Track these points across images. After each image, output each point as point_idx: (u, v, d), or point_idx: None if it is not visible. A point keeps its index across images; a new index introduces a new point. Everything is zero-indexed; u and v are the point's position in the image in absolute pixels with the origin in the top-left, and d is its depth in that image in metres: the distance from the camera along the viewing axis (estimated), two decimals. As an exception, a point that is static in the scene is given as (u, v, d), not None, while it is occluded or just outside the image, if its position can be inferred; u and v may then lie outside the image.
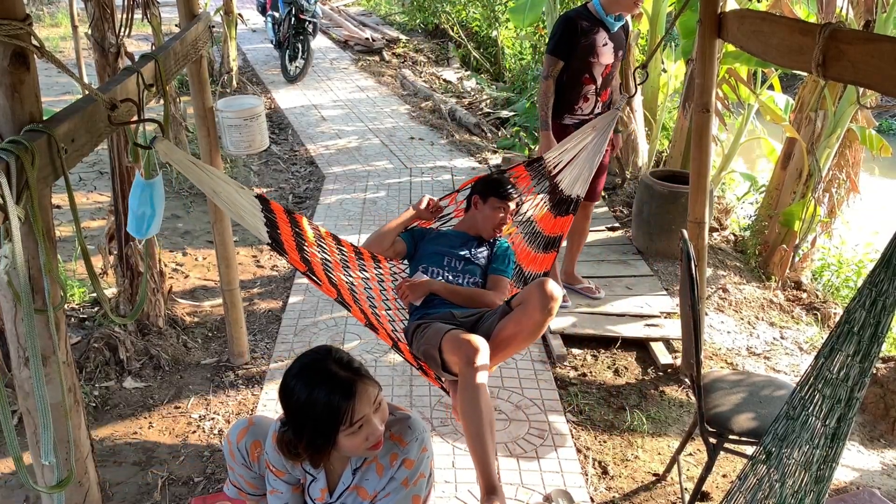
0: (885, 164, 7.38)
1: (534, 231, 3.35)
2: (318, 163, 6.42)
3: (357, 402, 1.66)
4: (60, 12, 12.50)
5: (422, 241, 3.13)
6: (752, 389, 2.56)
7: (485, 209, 3.09)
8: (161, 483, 2.79)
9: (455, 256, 3.05)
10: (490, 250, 3.13)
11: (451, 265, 3.03)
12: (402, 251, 3.10)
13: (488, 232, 3.11)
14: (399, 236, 3.10)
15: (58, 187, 1.69)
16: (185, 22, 2.92)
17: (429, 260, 3.04)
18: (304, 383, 1.69)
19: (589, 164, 3.19)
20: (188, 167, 2.01)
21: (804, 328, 4.25)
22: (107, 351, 3.41)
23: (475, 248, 3.10)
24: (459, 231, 3.17)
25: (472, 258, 3.07)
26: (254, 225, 2.11)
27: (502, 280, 3.05)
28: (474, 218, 3.14)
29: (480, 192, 3.13)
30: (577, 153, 3.24)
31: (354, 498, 1.85)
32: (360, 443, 1.71)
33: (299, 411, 1.70)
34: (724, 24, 2.90)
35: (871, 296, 1.48)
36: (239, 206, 2.11)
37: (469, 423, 2.42)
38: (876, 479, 3.02)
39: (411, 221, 3.19)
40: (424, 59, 10.36)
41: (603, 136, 3.19)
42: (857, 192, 5.20)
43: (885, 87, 1.96)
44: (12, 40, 1.39)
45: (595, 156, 3.19)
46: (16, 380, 1.56)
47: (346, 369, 1.71)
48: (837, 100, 4.80)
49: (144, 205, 2.09)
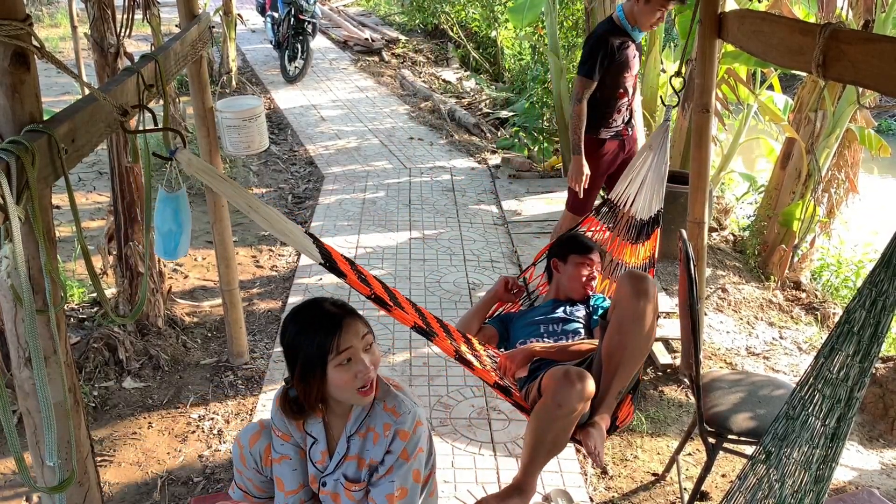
0: (885, 164, 7.38)
1: (622, 270, 3.17)
2: (317, 163, 6.42)
3: (344, 331, 1.73)
4: (60, 12, 12.49)
5: (511, 323, 2.90)
6: (751, 389, 2.56)
7: (568, 269, 2.89)
8: (161, 483, 2.79)
9: (551, 321, 2.80)
10: (587, 309, 2.88)
11: (549, 329, 2.77)
12: (493, 337, 2.85)
13: (579, 291, 2.87)
14: (486, 323, 2.91)
15: (58, 187, 1.69)
16: (185, 22, 2.92)
17: (524, 333, 2.78)
18: (298, 321, 1.79)
19: (658, 180, 3.04)
20: (216, 181, 1.88)
21: (803, 328, 4.26)
22: (106, 351, 3.41)
23: (570, 308, 2.86)
24: (549, 300, 2.95)
25: (569, 317, 2.81)
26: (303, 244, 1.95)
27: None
28: (560, 282, 2.92)
29: (558, 255, 2.94)
30: (643, 179, 3.11)
31: (355, 469, 1.87)
32: (350, 380, 1.75)
33: (293, 345, 1.78)
34: (724, 24, 2.90)
35: (870, 296, 1.48)
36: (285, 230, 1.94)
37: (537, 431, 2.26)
38: (875, 478, 3.02)
39: (493, 303, 2.99)
40: (424, 60, 10.36)
41: (661, 150, 3.05)
42: (856, 192, 5.20)
43: (885, 88, 1.96)
44: (12, 40, 1.39)
45: (659, 170, 3.05)
46: (16, 380, 1.56)
47: (336, 307, 1.80)
48: (837, 100, 4.80)
49: (168, 221, 1.98)
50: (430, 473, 1.99)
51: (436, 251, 4.74)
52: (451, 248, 4.79)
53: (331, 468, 1.90)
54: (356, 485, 1.88)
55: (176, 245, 1.99)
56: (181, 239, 1.99)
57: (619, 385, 2.37)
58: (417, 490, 1.88)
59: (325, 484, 1.91)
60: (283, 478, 1.93)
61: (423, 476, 1.92)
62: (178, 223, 1.97)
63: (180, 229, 1.98)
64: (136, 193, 3.43)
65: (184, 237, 2.00)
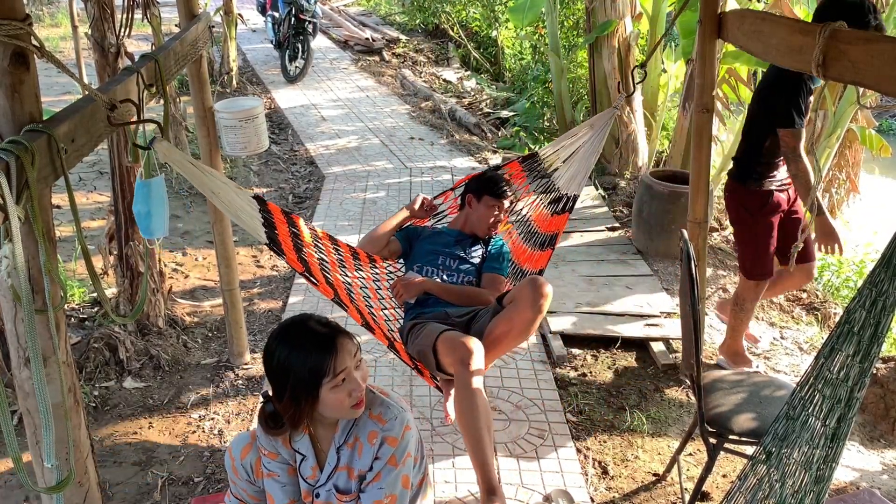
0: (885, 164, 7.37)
1: (530, 229, 3.33)
2: (317, 163, 6.43)
3: (339, 354, 1.72)
4: (60, 12, 12.49)
5: (416, 240, 3.11)
6: (752, 390, 2.56)
7: (479, 207, 3.07)
8: (161, 483, 2.79)
9: (450, 255, 3.03)
10: (485, 248, 3.11)
11: (446, 264, 3.02)
12: (396, 251, 3.09)
13: (483, 230, 3.09)
14: (394, 236, 3.08)
15: (58, 187, 1.69)
16: (185, 22, 2.92)
17: (423, 259, 3.03)
18: (286, 344, 1.74)
19: (586, 163, 3.15)
20: (187, 168, 2.01)
21: (804, 328, 4.25)
22: (107, 351, 3.41)
23: (470, 247, 3.09)
24: (454, 229, 3.16)
25: (466, 257, 3.06)
26: (252, 225, 2.12)
27: (498, 278, 3.04)
28: (468, 216, 3.13)
29: (474, 191, 3.11)
30: (574, 151, 3.20)
31: (346, 479, 1.87)
32: (344, 398, 1.74)
33: (282, 370, 1.73)
34: (724, 24, 2.90)
35: (871, 296, 1.48)
36: (237, 207, 2.11)
37: (467, 425, 2.42)
38: (876, 479, 3.02)
39: (406, 221, 3.17)
40: (424, 59, 10.36)
41: (600, 134, 3.13)
42: (857, 192, 5.20)
43: (886, 88, 1.96)
44: (12, 40, 1.39)
45: (592, 154, 3.15)
46: (16, 380, 1.56)
47: (324, 326, 1.77)
48: (837, 100, 4.80)
49: (139, 203, 2.12)
50: (422, 477, 1.99)
51: (436, 251, 4.74)
52: (451, 247, 4.79)
53: (322, 480, 1.89)
54: (347, 496, 1.87)
55: (147, 226, 2.17)
56: (151, 221, 2.15)
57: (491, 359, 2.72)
58: (406, 496, 1.87)
59: (318, 495, 1.90)
60: (273, 494, 1.93)
61: (414, 481, 1.92)
62: (147, 206, 2.13)
63: (149, 212, 2.14)
64: (137, 193, 3.43)
65: (155, 218, 2.16)
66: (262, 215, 2.24)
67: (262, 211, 2.25)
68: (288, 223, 2.40)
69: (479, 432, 2.38)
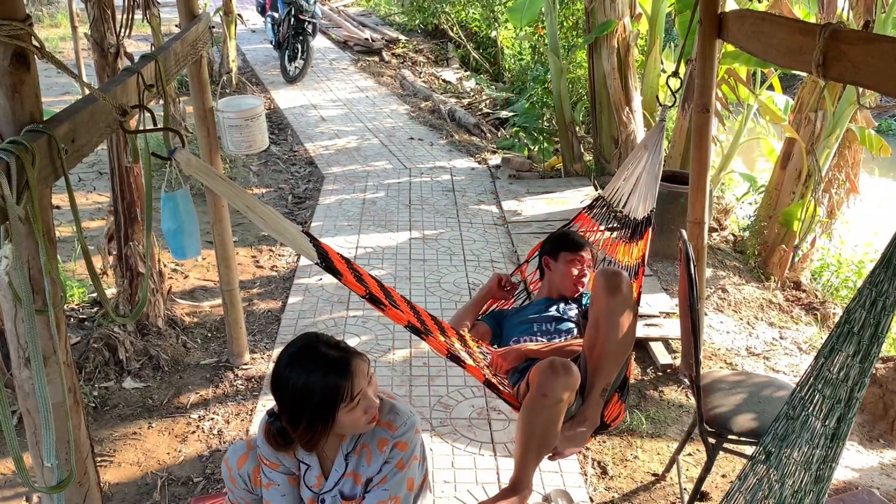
0: (885, 164, 7.38)
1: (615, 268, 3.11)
2: (317, 163, 6.42)
3: (354, 378, 1.71)
4: (60, 13, 12.49)
5: (505, 319, 2.91)
6: (752, 390, 2.56)
7: (559, 266, 2.89)
8: (161, 483, 2.79)
9: (545, 321, 2.80)
10: (580, 306, 2.90)
11: (543, 329, 2.78)
12: (486, 334, 2.85)
13: (570, 289, 2.88)
14: (479, 320, 2.90)
15: (58, 187, 1.69)
16: (185, 22, 2.92)
17: (517, 331, 2.79)
18: (298, 370, 1.72)
19: (652, 180, 3.00)
20: (213, 180, 1.89)
21: (803, 328, 4.26)
22: (106, 351, 3.41)
23: (563, 306, 2.87)
24: (541, 298, 2.95)
25: (562, 316, 2.83)
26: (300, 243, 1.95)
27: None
28: (552, 280, 2.92)
29: (549, 252, 2.95)
30: (637, 179, 3.08)
31: (352, 485, 1.87)
32: (360, 417, 1.75)
33: (297, 398, 1.72)
34: (724, 24, 2.90)
35: (870, 296, 1.48)
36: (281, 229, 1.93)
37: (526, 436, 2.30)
38: (875, 478, 3.02)
39: (486, 300, 2.98)
40: (424, 60, 10.36)
41: (656, 150, 3.01)
42: (856, 192, 5.20)
43: (886, 88, 1.97)
44: (13, 41, 1.39)
45: (656, 169, 3.00)
46: (16, 380, 1.56)
47: (335, 349, 1.75)
48: (837, 100, 4.80)
49: (168, 220, 2.00)
50: (423, 478, 1.99)
51: (436, 251, 4.74)
52: (451, 248, 4.79)
53: (329, 486, 1.89)
54: (352, 501, 1.88)
55: (180, 243, 2.00)
56: (182, 238, 2.00)
57: (603, 381, 2.40)
58: (410, 498, 1.88)
59: (323, 501, 1.90)
60: (272, 502, 1.92)
61: (417, 484, 1.92)
62: (177, 222, 1.97)
63: (180, 228, 1.99)
64: (137, 193, 3.44)
65: (186, 236, 2.01)
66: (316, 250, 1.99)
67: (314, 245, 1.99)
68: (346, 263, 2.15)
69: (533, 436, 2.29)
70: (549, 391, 2.23)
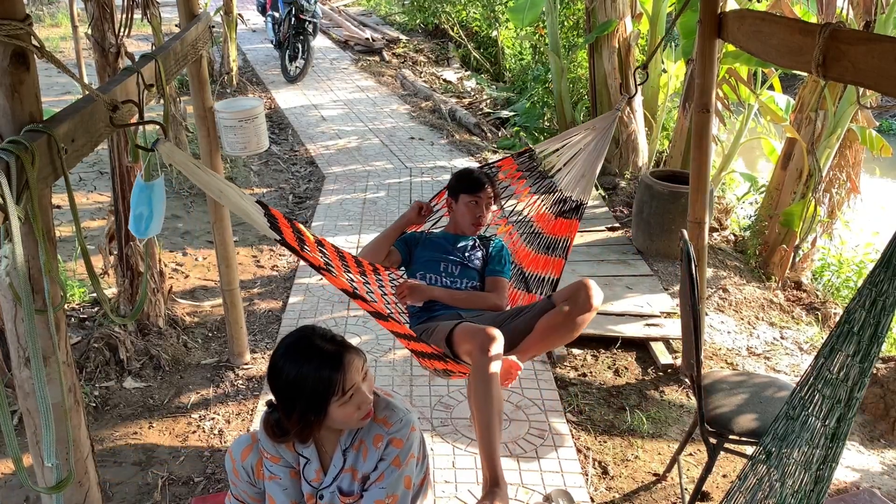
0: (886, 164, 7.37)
1: (533, 230, 3.29)
2: (318, 163, 6.42)
3: (347, 372, 1.71)
4: (60, 12, 12.50)
5: (415, 248, 3.08)
6: (753, 390, 2.56)
7: (459, 207, 3.03)
8: (161, 483, 2.79)
9: (451, 262, 3.01)
10: (485, 251, 3.08)
11: (448, 270, 2.99)
12: (397, 260, 3.05)
13: (468, 229, 3.03)
14: (393, 245, 3.05)
15: (58, 187, 1.69)
16: (185, 22, 2.92)
17: (425, 266, 3.00)
18: (293, 361, 1.73)
19: (590, 166, 3.11)
20: (191, 169, 1.99)
21: (804, 328, 4.25)
22: (107, 351, 3.41)
23: (469, 251, 3.06)
24: (449, 233, 3.12)
25: (467, 262, 3.02)
26: (262, 225, 2.09)
27: (501, 281, 3.02)
28: (454, 218, 3.09)
29: (451, 191, 3.07)
30: (576, 153, 3.16)
31: (350, 481, 1.87)
32: (353, 412, 1.75)
33: (290, 388, 1.73)
34: (724, 24, 2.90)
35: (871, 296, 1.48)
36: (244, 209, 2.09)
37: (479, 413, 2.39)
38: (876, 479, 3.02)
39: (404, 228, 3.13)
40: (424, 59, 10.36)
41: (603, 137, 3.10)
42: (857, 192, 5.20)
43: (886, 88, 1.96)
44: (12, 40, 1.39)
45: (596, 159, 3.10)
46: (16, 380, 1.56)
47: (331, 343, 1.76)
48: (837, 100, 4.80)
49: (142, 205, 2.11)
50: (423, 477, 1.99)
51: (436, 251, 4.74)
52: (451, 248, 4.79)
53: (327, 482, 1.89)
54: (350, 497, 1.88)
55: (147, 226, 2.16)
56: (151, 223, 2.15)
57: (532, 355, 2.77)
58: (408, 497, 1.88)
59: (321, 497, 1.91)
60: (274, 496, 1.93)
61: (415, 481, 1.92)
62: (150, 208, 2.12)
63: (151, 212, 2.13)
64: (137, 193, 3.43)
65: (155, 219, 2.15)
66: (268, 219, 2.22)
67: (266, 215, 2.23)
68: (292, 228, 2.39)
69: (490, 420, 2.36)
70: (493, 349, 2.42)
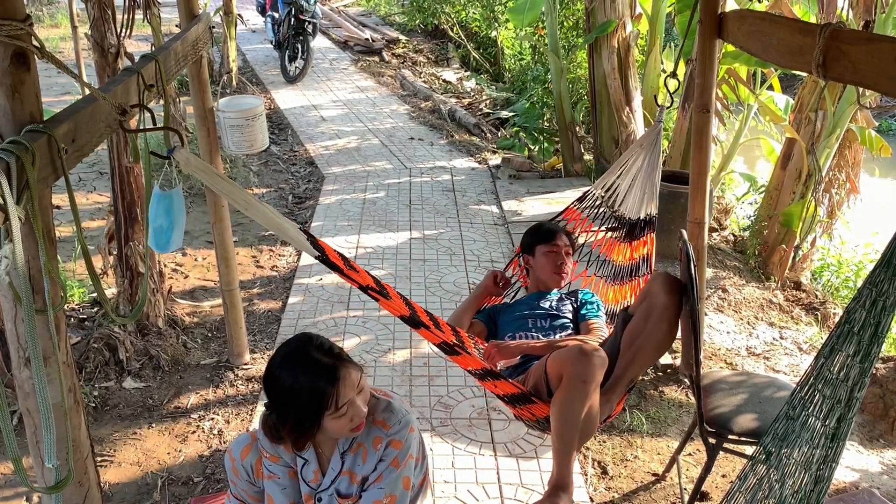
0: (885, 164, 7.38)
1: (612, 269, 3.17)
2: (317, 163, 6.42)
3: (341, 387, 1.70)
4: (60, 13, 12.49)
5: (499, 316, 2.89)
6: (752, 390, 2.56)
7: (538, 261, 2.90)
8: (161, 483, 2.79)
9: (540, 316, 2.80)
10: (573, 301, 2.90)
11: (538, 325, 2.78)
12: (482, 332, 2.84)
13: (553, 280, 2.88)
14: (475, 318, 2.89)
15: (58, 187, 1.69)
16: (186, 22, 2.92)
17: (513, 327, 2.79)
18: (289, 370, 1.73)
19: (650, 182, 3.00)
20: (212, 178, 1.91)
21: (804, 328, 4.25)
22: (106, 351, 3.41)
23: (557, 303, 2.86)
24: (532, 293, 2.97)
25: (557, 313, 2.82)
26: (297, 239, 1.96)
27: (595, 322, 2.77)
28: (534, 276, 2.95)
29: (527, 247, 2.96)
30: (633, 178, 3.07)
31: (348, 483, 1.87)
32: (345, 424, 1.75)
33: (284, 398, 1.73)
34: (724, 24, 2.90)
35: (871, 296, 1.48)
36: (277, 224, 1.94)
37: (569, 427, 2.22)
38: (875, 479, 3.02)
39: (482, 298, 2.96)
40: (424, 60, 10.36)
41: (653, 150, 3.01)
42: (856, 192, 5.20)
43: (886, 88, 1.96)
44: (13, 41, 1.39)
45: (652, 172, 3.01)
46: (16, 380, 1.56)
47: (328, 355, 1.75)
48: (837, 100, 4.80)
49: (160, 216, 2.00)
50: (423, 478, 1.99)
51: (436, 251, 4.74)
52: (451, 248, 4.79)
53: (325, 484, 1.90)
54: (348, 499, 1.88)
55: (168, 240, 2.05)
56: (172, 234, 2.05)
57: (633, 373, 2.40)
58: (407, 497, 1.88)
59: (319, 500, 1.91)
60: (272, 496, 1.93)
61: (415, 482, 1.92)
62: (169, 219, 2.03)
63: (171, 225, 2.04)
64: (137, 193, 3.43)
65: (175, 232, 2.06)
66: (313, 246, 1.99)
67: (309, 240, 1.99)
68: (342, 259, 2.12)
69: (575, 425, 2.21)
70: (587, 376, 2.17)
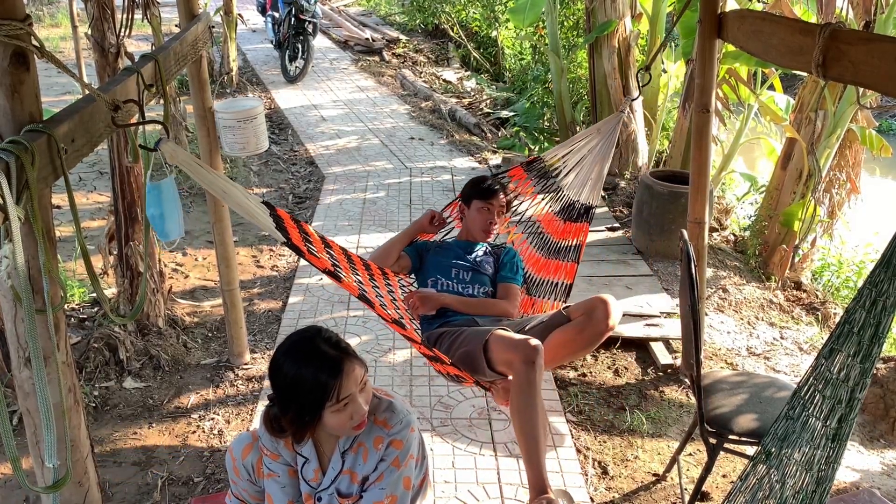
0: (886, 164, 7.38)
1: (541, 235, 3.30)
2: (317, 163, 6.42)
3: (344, 380, 1.71)
4: (60, 12, 12.50)
5: (426, 254, 3.09)
6: (753, 390, 2.55)
7: (471, 213, 3.08)
8: (161, 483, 2.79)
9: (462, 268, 3.01)
10: (497, 258, 3.09)
11: (460, 276, 3.00)
12: (407, 266, 3.06)
13: (480, 234, 3.08)
14: (403, 251, 3.06)
15: (58, 187, 1.69)
16: (185, 22, 2.92)
17: (436, 272, 3.01)
18: (293, 360, 1.73)
19: (597, 169, 3.13)
20: (194, 169, 1.99)
21: (804, 328, 4.25)
22: (107, 351, 3.41)
23: (481, 257, 3.07)
24: (461, 240, 3.14)
25: (479, 268, 3.03)
26: (268, 226, 2.08)
27: (513, 287, 3.03)
28: (466, 225, 3.14)
29: (465, 198, 3.13)
30: (581, 158, 3.18)
31: (348, 483, 1.87)
32: (345, 421, 1.74)
33: (287, 387, 1.73)
34: (724, 24, 2.90)
35: (871, 296, 1.48)
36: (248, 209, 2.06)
37: (525, 423, 2.40)
38: (876, 479, 3.02)
39: (415, 235, 3.15)
40: (424, 60, 10.36)
41: (609, 139, 3.13)
42: (857, 192, 5.20)
43: (886, 88, 1.96)
44: (12, 40, 1.39)
45: (602, 161, 3.13)
46: (16, 380, 1.56)
47: (334, 348, 1.75)
48: (837, 100, 4.80)
49: (152, 206, 2.11)
50: (423, 478, 1.99)
51: (436, 251, 4.74)
52: (451, 248, 4.79)
53: (325, 484, 1.89)
54: (348, 499, 1.88)
55: (162, 229, 2.16)
56: (165, 224, 2.15)
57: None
58: (407, 497, 1.88)
59: (319, 499, 1.91)
60: (272, 494, 1.93)
61: (415, 482, 1.92)
62: (160, 209, 2.12)
63: (161, 214, 2.13)
64: (137, 193, 3.43)
65: (168, 222, 2.15)
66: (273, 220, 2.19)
67: (272, 215, 2.21)
68: (298, 229, 2.36)
69: (536, 432, 2.37)
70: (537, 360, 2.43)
